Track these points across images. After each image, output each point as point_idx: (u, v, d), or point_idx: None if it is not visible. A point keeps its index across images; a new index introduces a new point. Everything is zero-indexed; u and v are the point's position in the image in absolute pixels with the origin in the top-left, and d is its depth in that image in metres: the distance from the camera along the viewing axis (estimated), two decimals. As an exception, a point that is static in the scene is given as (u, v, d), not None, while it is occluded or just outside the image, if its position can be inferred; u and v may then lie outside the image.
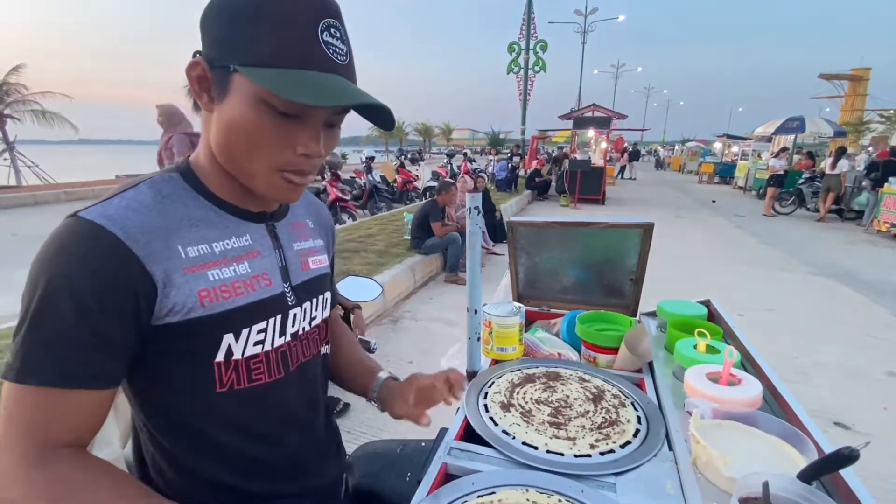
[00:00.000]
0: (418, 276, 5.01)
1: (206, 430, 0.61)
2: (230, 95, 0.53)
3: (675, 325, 1.15)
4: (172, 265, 0.55)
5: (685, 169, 24.26)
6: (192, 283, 0.56)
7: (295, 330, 0.69)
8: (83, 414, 0.53)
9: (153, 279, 0.53)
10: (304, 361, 0.71)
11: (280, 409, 0.67)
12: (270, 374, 0.65)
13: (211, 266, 0.58)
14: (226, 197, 0.62)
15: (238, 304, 0.59)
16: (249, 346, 0.61)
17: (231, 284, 0.59)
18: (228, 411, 0.62)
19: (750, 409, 0.79)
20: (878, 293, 4.76)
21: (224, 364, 0.59)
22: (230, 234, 0.62)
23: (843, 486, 0.61)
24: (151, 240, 0.53)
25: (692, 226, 8.63)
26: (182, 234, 0.56)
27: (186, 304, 0.55)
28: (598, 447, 0.80)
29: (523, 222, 1.34)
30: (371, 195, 9.18)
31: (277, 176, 0.58)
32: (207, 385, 0.59)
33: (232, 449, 0.64)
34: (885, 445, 2.36)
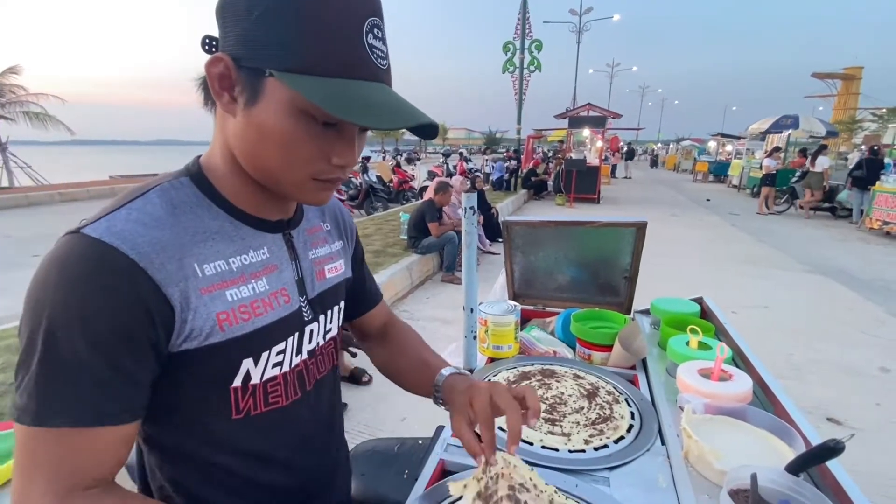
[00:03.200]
0: (415, 275, 5.01)
1: (217, 457, 0.58)
2: (262, 101, 0.48)
3: (669, 323, 1.16)
4: (188, 286, 0.50)
5: (680, 167, 24.37)
6: (209, 306, 0.51)
7: (312, 347, 0.65)
8: (111, 449, 0.49)
9: (171, 303, 0.49)
10: (320, 378, 0.68)
11: (295, 433, 0.64)
12: (288, 396, 0.61)
13: (229, 285, 0.54)
14: (242, 205, 0.57)
15: (258, 325, 0.55)
16: (268, 369, 0.58)
17: (250, 304, 0.55)
18: (243, 438, 0.58)
19: (740, 404, 0.81)
20: (871, 290, 4.81)
21: (241, 389, 0.56)
22: (247, 247, 0.57)
23: (830, 478, 0.63)
24: (166, 259, 0.49)
25: (687, 224, 8.67)
26: (197, 250, 0.52)
27: (204, 329, 0.51)
28: (592, 442, 0.81)
29: (518, 222, 1.35)
30: (367, 195, 9.18)
31: (311, 183, 0.54)
32: (222, 412, 0.56)
33: (244, 476, 0.60)
34: (878, 440, 2.39)
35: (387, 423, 2.50)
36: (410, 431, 2.32)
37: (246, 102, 0.49)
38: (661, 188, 15.86)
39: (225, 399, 0.55)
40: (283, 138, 0.49)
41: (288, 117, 0.48)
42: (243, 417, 0.57)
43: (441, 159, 12.91)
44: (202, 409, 0.55)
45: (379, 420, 2.54)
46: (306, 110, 0.48)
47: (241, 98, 0.50)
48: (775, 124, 12.99)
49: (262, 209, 0.59)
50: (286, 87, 0.47)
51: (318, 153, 0.51)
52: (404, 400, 2.80)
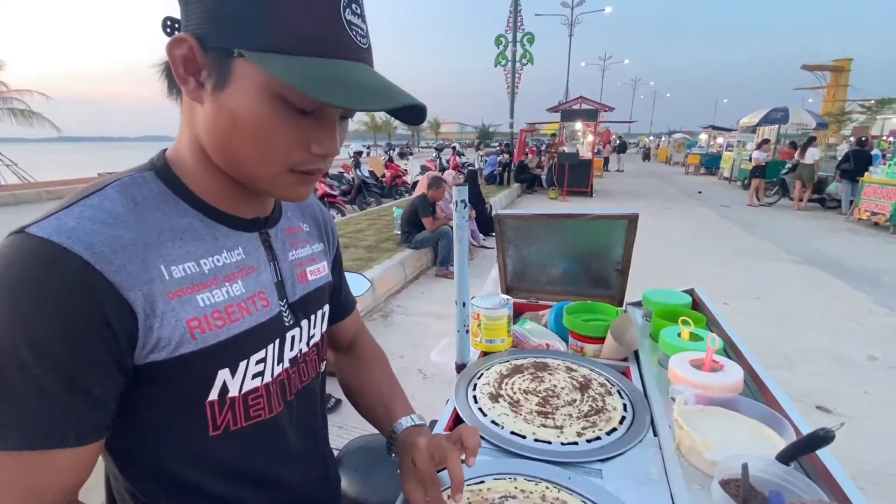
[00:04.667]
0: (409, 270, 5.00)
1: (193, 478, 0.53)
2: (232, 85, 0.44)
3: (660, 314, 1.16)
4: (154, 289, 0.45)
5: (672, 160, 24.49)
6: (178, 312, 0.47)
7: (294, 354, 0.61)
8: (69, 471, 0.44)
9: (132, 309, 0.44)
10: (303, 387, 0.64)
11: (277, 447, 0.60)
12: (270, 408, 0.57)
13: (200, 289, 0.49)
14: (214, 202, 0.53)
15: (233, 332, 0.51)
16: (248, 381, 0.53)
17: (225, 310, 0.50)
18: (221, 455, 0.54)
19: (732, 395, 0.81)
20: (860, 280, 4.87)
21: (218, 403, 0.51)
22: (220, 247, 0.52)
23: (820, 467, 0.63)
24: (127, 260, 0.44)
25: (679, 216, 8.73)
26: (163, 251, 0.47)
27: (173, 338, 0.46)
28: (584, 435, 0.81)
29: (511, 215, 1.34)
30: (360, 190, 9.14)
31: (288, 176, 0.50)
32: (198, 429, 0.51)
33: (222, 496, 0.55)
34: (866, 428, 2.42)
35: (381, 419, 2.50)
36: (405, 426, 2.34)
37: (214, 87, 0.45)
38: (653, 181, 15.93)
39: (200, 415, 0.51)
40: (257, 126, 0.45)
41: (261, 103, 0.44)
42: (221, 434, 0.52)
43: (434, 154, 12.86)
44: (175, 427, 0.50)
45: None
46: (281, 94, 0.44)
47: (208, 83, 0.45)
48: (766, 117, 13.07)
49: (236, 206, 0.55)
50: (258, 69, 0.43)
51: (296, 142, 0.47)
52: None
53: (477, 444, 0.61)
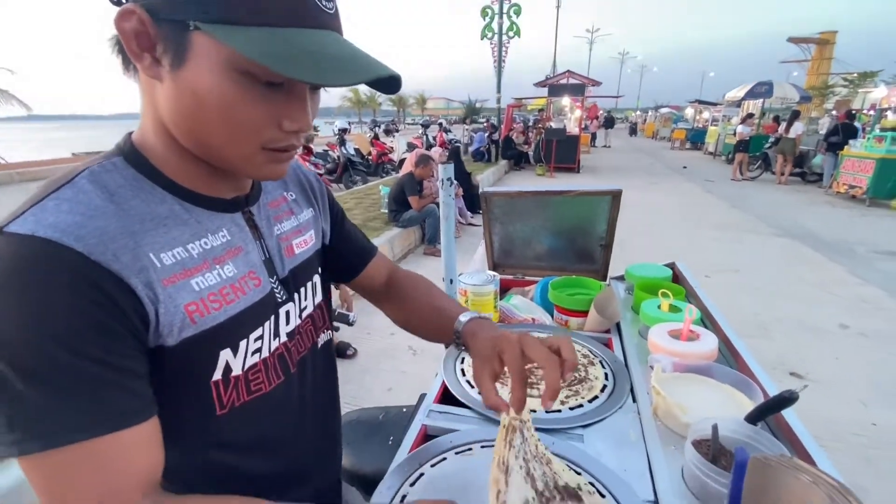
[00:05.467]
0: (397, 249, 5.01)
1: (200, 454, 0.53)
2: (191, 60, 0.41)
3: (642, 288, 1.20)
4: (149, 278, 0.45)
5: (658, 135, 24.54)
6: (175, 298, 0.46)
7: (290, 329, 0.61)
8: (142, 451, 0.44)
9: (137, 295, 0.43)
10: (301, 357, 0.64)
11: (282, 418, 0.61)
12: (270, 381, 0.58)
13: (193, 273, 0.49)
14: (190, 185, 0.51)
15: (230, 313, 0.51)
16: (248, 357, 0.54)
17: (219, 292, 0.50)
18: (228, 431, 0.54)
19: (706, 362, 0.85)
20: (835, 252, 5.03)
21: (223, 382, 0.52)
22: (204, 231, 0.51)
23: (785, 426, 0.68)
24: (118, 250, 0.42)
25: (664, 191, 8.82)
26: (149, 239, 0.46)
27: (175, 324, 0.46)
28: (567, 403, 0.85)
29: (497, 192, 1.35)
30: (345, 168, 9.01)
31: (261, 154, 0.48)
32: (205, 409, 0.52)
33: (227, 468, 0.56)
34: (834, 391, 2.56)
35: (373, 394, 2.55)
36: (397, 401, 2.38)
37: (172, 64, 0.42)
38: (639, 156, 16.00)
39: (207, 395, 0.51)
40: (222, 105, 0.43)
41: (224, 79, 0.42)
42: (228, 411, 0.53)
43: (420, 130, 12.69)
44: (184, 409, 0.51)
45: (365, 391, 2.59)
46: (245, 69, 0.41)
47: (164, 59, 0.42)
48: (751, 92, 13.13)
49: (213, 187, 0.53)
50: (217, 43, 0.40)
51: (266, 118, 0.45)
52: (389, 371, 2.87)
53: (576, 361, 0.56)
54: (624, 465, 0.70)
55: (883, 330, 3.26)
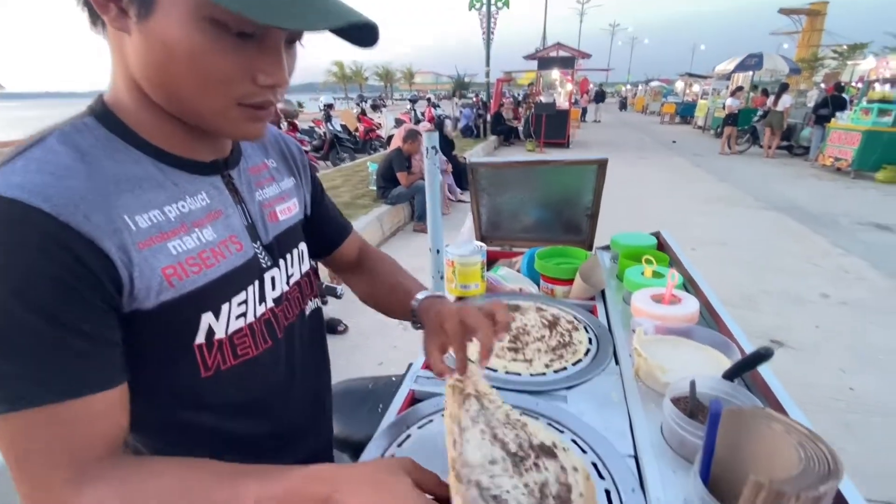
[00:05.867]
0: (386, 226, 4.98)
1: (188, 417, 0.54)
2: (159, 10, 0.40)
3: (626, 256, 1.21)
4: (124, 240, 0.44)
5: (648, 110, 24.42)
6: (151, 261, 0.46)
7: (276, 294, 0.61)
8: (108, 417, 0.44)
9: (110, 258, 0.42)
10: (289, 324, 0.64)
11: (271, 382, 0.61)
12: (257, 346, 0.58)
13: (170, 236, 0.48)
14: (166, 146, 0.50)
15: (211, 277, 0.51)
16: (232, 322, 0.54)
17: (198, 255, 0.50)
18: (215, 394, 0.55)
19: (687, 324, 0.87)
20: (820, 224, 5.11)
21: (206, 346, 0.52)
22: (182, 193, 0.50)
23: (761, 382, 0.70)
24: (89, 211, 0.41)
25: (653, 166, 8.84)
26: (123, 201, 0.45)
27: (152, 287, 0.46)
28: (552, 366, 0.86)
29: (484, 163, 1.34)
30: (332, 145, 8.87)
31: (236, 110, 0.47)
32: (190, 371, 0.52)
33: (220, 431, 0.57)
34: (815, 357, 2.64)
35: (364, 369, 2.58)
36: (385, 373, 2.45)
37: (139, 14, 0.41)
38: (629, 131, 15.94)
39: (190, 358, 0.51)
40: (192, 56, 0.42)
41: (193, 29, 0.41)
42: (213, 374, 0.53)
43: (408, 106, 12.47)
44: (168, 371, 0.51)
45: (356, 366, 2.61)
46: (214, 17, 0.40)
47: (131, 9, 0.41)
48: (741, 64, 13.04)
49: (190, 149, 0.52)
50: None
51: (239, 71, 0.44)
52: (380, 346, 2.89)
53: (508, 322, 0.61)
54: (606, 423, 0.72)
55: (863, 299, 3.35)
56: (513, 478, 0.56)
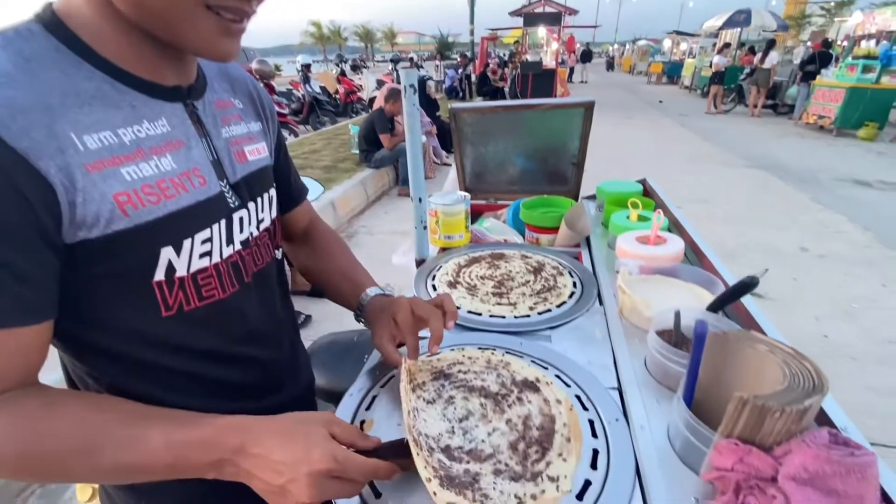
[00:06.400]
0: (370, 190, 4.89)
1: (155, 359, 0.52)
2: None
3: (612, 202, 1.19)
4: (68, 161, 0.40)
5: (635, 70, 24.02)
6: (101, 186, 0.42)
7: (244, 237, 0.58)
8: (21, 354, 0.42)
9: (48, 180, 0.39)
10: (259, 271, 0.62)
11: (241, 327, 0.59)
12: (224, 288, 0.55)
13: (124, 161, 0.44)
14: (124, 64, 0.45)
15: (171, 209, 0.47)
16: (195, 260, 0.50)
17: (156, 184, 0.46)
18: (180, 335, 0.52)
19: (672, 263, 0.86)
20: (801, 181, 5.16)
21: (166, 283, 0.48)
22: (139, 117, 0.46)
23: (744, 312, 0.70)
24: (28, 125, 0.38)
25: (639, 126, 8.77)
26: (71, 117, 0.41)
27: (102, 214, 0.42)
28: (536, 309, 0.85)
29: (466, 108, 1.29)
30: (312, 108, 8.55)
31: (206, 18, 0.43)
32: (149, 310, 0.49)
33: (190, 374, 0.55)
34: (792, 307, 2.72)
35: (351, 330, 2.57)
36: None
37: None
38: (616, 91, 15.72)
39: (149, 296, 0.48)
40: None
41: None
42: (175, 314, 0.50)
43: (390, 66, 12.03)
44: (125, 309, 0.48)
45: (344, 328, 2.60)
46: None
47: None
48: (729, 20, 12.79)
49: (151, 70, 0.48)
50: None
51: None
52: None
53: (456, 312, 0.67)
54: (589, 359, 0.72)
55: (839, 251, 3.43)
56: (490, 423, 0.56)
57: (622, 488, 0.50)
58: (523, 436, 0.55)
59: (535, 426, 0.56)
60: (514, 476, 0.50)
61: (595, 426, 0.58)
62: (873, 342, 2.40)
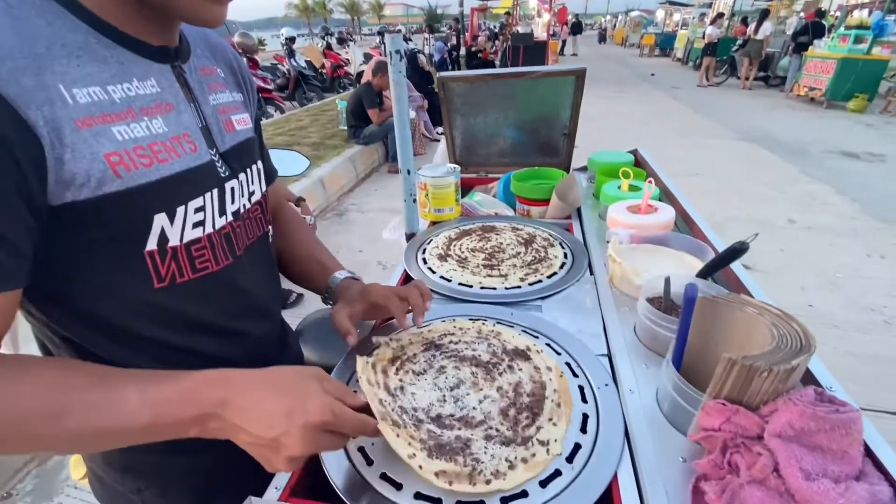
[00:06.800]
0: (360, 168, 4.82)
1: (145, 331, 0.50)
2: None
3: (603, 173, 1.18)
4: (57, 113, 0.38)
5: (627, 42, 23.62)
6: (92, 144, 0.40)
7: (236, 208, 0.56)
8: None
9: (34, 132, 0.36)
10: (251, 244, 0.60)
11: (234, 299, 0.58)
12: (217, 261, 0.53)
13: (115, 119, 0.42)
14: (110, 18, 0.43)
15: (164, 173, 0.45)
16: (188, 230, 0.49)
17: (149, 147, 0.44)
18: (174, 309, 0.51)
19: (663, 232, 0.85)
20: (791, 153, 5.18)
21: (159, 253, 0.46)
22: (128, 74, 0.44)
23: (734, 279, 0.70)
24: (15, 70, 0.35)
25: (631, 100, 8.68)
26: (58, 68, 0.38)
27: (93, 174, 0.40)
28: (527, 280, 0.85)
29: (455, 77, 1.25)
30: (297, 83, 8.32)
31: None
32: (141, 281, 0.47)
33: (179, 347, 0.54)
34: (779, 278, 2.76)
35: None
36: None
37: None
38: (608, 64, 15.48)
39: (141, 266, 0.46)
40: None
41: None
42: (168, 286, 0.48)
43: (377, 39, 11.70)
44: (116, 278, 0.45)
45: (335, 305, 2.60)
46: None
47: None
48: (723, -13, 12.57)
49: (137, 28, 0.45)
50: None
51: None
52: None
53: (429, 291, 0.68)
54: (579, 327, 0.72)
55: (827, 223, 3.47)
56: (481, 390, 0.56)
57: (611, 450, 0.50)
58: (514, 402, 0.55)
59: (526, 393, 0.57)
60: (505, 441, 0.50)
61: (585, 392, 0.58)
62: (855, 310, 2.46)
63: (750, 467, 0.40)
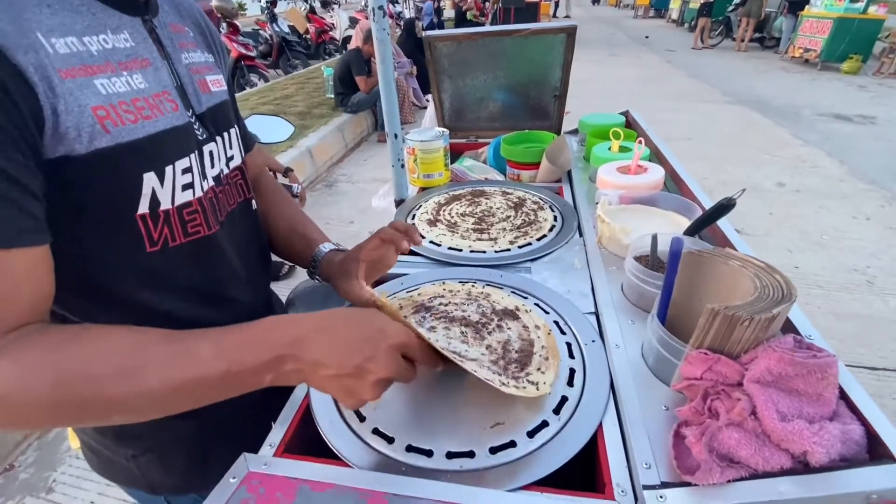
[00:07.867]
0: (348, 137, 4.73)
1: (136, 296, 0.49)
2: None
3: (594, 135, 1.17)
4: (42, 61, 0.36)
5: (622, 3, 22.95)
6: (78, 96, 0.38)
7: (216, 172, 0.54)
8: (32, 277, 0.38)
9: (26, 77, 0.35)
10: (231, 210, 0.59)
11: (222, 266, 0.57)
12: (209, 226, 0.52)
13: (95, 72, 0.40)
14: None
15: (149, 130, 0.43)
16: (178, 193, 0.47)
17: (132, 102, 0.42)
18: (164, 272, 0.49)
19: (652, 192, 0.85)
20: (783, 116, 5.15)
21: (150, 217, 0.45)
22: (102, 25, 0.42)
23: (720, 236, 0.71)
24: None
25: (625, 63, 8.51)
26: (34, 15, 0.37)
27: (83, 128, 0.38)
28: (516, 243, 0.85)
29: (441, 36, 1.21)
30: (281, 50, 8.02)
31: None
32: (134, 245, 0.46)
33: (169, 313, 0.52)
34: (766, 241, 2.80)
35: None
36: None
37: None
38: (601, 26, 15.07)
39: (133, 229, 0.45)
40: None
41: None
42: (160, 249, 0.48)
43: (363, 2, 11.24)
44: (108, 241, 0.44)
45: (328, 276, 2.61)
46: None
47: None
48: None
49: None
50: None
51: None
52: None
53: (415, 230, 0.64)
54: (568, 287, 0.72)
55: (815, 186, 3.50)
56: (472, 348, 0.57)
57: (597, 402, 0.52)
58: (503, 357, 0.56)
59: (515, 349, 0.57)
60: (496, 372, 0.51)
61: (572, 348, 0.59)
62: (839, 271, 2.51)
63: (729, 411, 0.41)
